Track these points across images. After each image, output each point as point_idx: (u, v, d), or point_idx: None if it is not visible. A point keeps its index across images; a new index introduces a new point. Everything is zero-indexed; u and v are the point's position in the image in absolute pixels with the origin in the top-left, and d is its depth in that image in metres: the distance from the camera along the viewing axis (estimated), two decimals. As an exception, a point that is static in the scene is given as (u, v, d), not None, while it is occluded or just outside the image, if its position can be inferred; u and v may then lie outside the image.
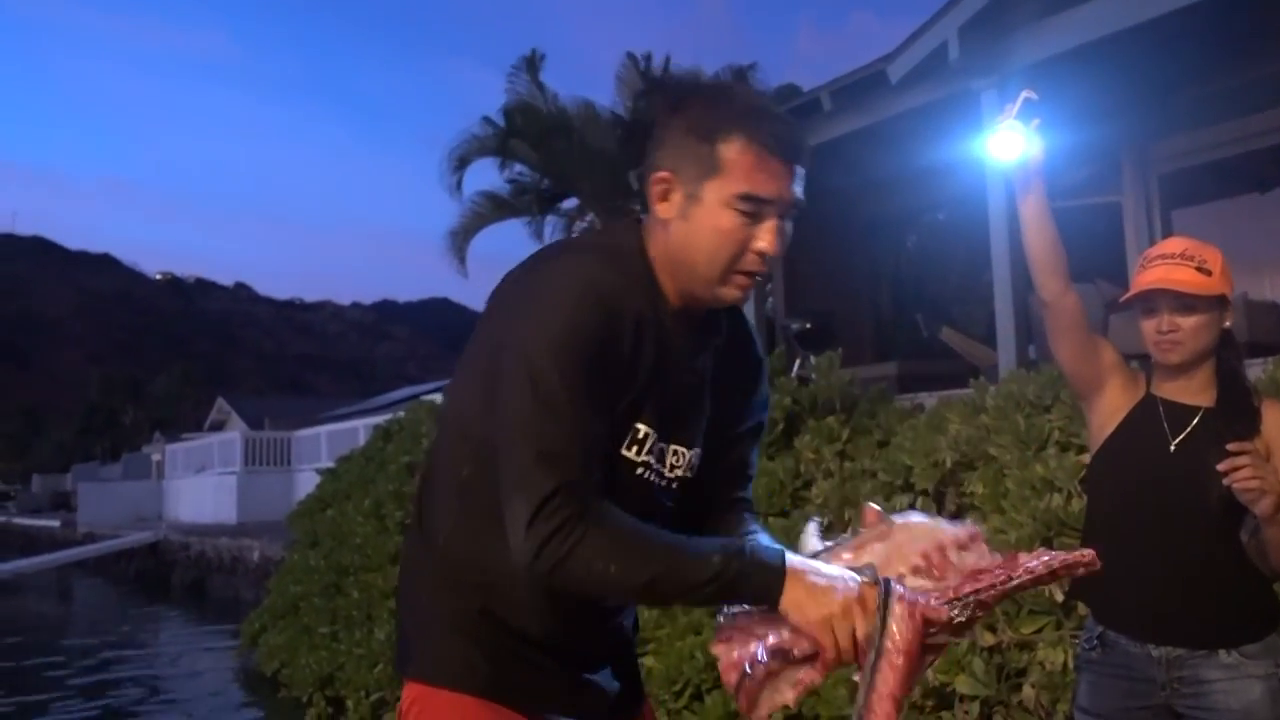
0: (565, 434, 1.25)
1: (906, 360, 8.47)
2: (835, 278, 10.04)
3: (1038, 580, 1.27)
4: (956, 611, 1.24)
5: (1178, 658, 1.91)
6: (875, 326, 10.55)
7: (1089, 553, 1.30)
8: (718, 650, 1.30)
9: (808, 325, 8.45)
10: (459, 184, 12.97)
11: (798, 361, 7.51)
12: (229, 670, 9.38)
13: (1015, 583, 1.26)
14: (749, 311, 9.07)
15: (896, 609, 1.22)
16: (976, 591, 1.25)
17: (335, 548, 8.37)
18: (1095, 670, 2.02)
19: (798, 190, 1.35)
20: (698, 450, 1.47)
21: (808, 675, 1.27)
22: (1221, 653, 1.88)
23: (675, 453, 1.43)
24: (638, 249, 1.37)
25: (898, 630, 1.22)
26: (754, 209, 1.30)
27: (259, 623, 8.86)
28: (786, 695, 1.27)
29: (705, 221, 1.31)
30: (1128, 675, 1.96)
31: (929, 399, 6.06)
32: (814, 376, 6.80)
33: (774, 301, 10.15)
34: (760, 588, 1.25)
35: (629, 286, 1.32)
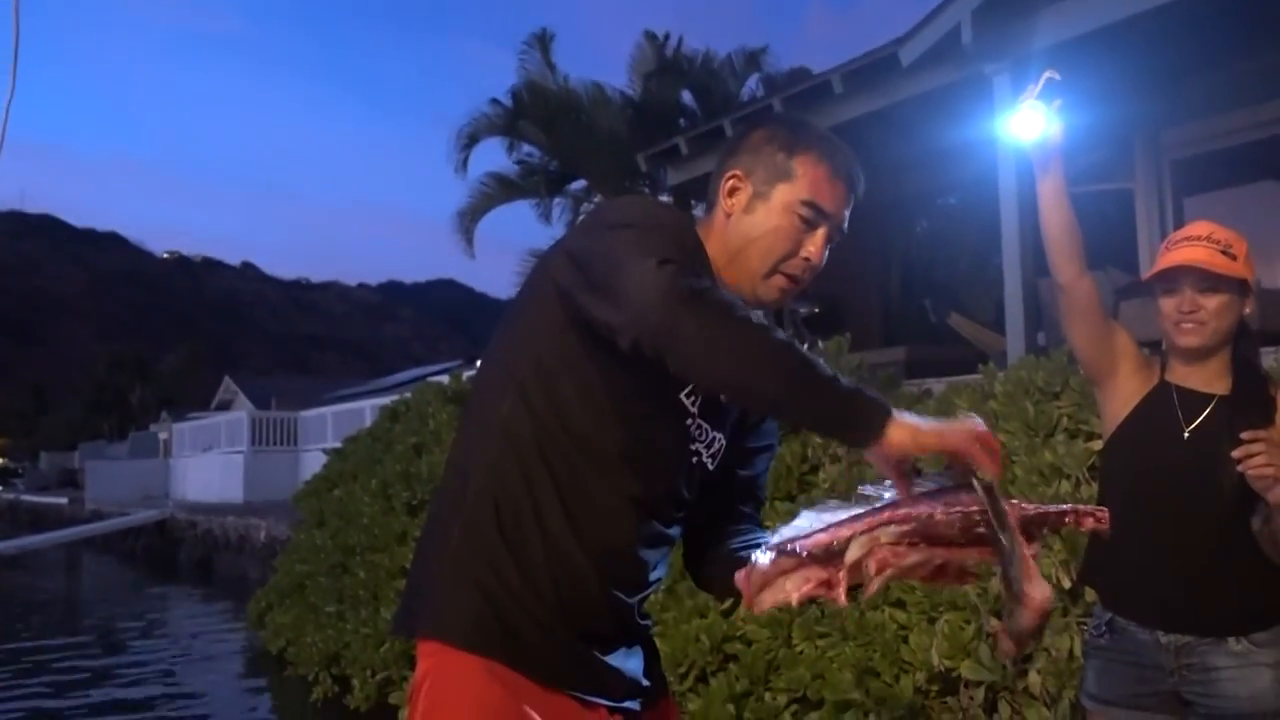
0: (669, 240, 1.33)
1: (915, 345, 8.44)
2: (844, 262, 9.95)
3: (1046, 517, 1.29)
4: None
5: (1186, 645, 1.91)
6: (884, 311, 10.52)
7: (1103, 511, 1.31)
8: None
9: (816, 309, 8.44)
10: (465, 163, 12.96)
11: (805, 346, 7.50)
12: (235, 648, 9.44)
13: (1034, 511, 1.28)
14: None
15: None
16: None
17: (342, 527, 8.39)
18: (1104, 656, 2.01)
19: (847, 215, 1.50)
20: (723, 441, 1.53)
21: (817, 577, 1.24)
22: (1231, 640, 1.88)
23: (709, 432, 1.49)
24: (699, 237, 1.47)
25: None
26: (813, 217, 1.45)
27: (265, 601, 8.90)
28: (790, 593, 1.24)
29: (768, 218, 1.45)
30: (1136, 662, 1.95)
31: (937, 385, 6.03)
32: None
33: (782, 285, 10.13)
34: (871, 407, 1.24)
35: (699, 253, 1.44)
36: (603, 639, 1.46)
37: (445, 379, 10.00)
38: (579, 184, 13.25)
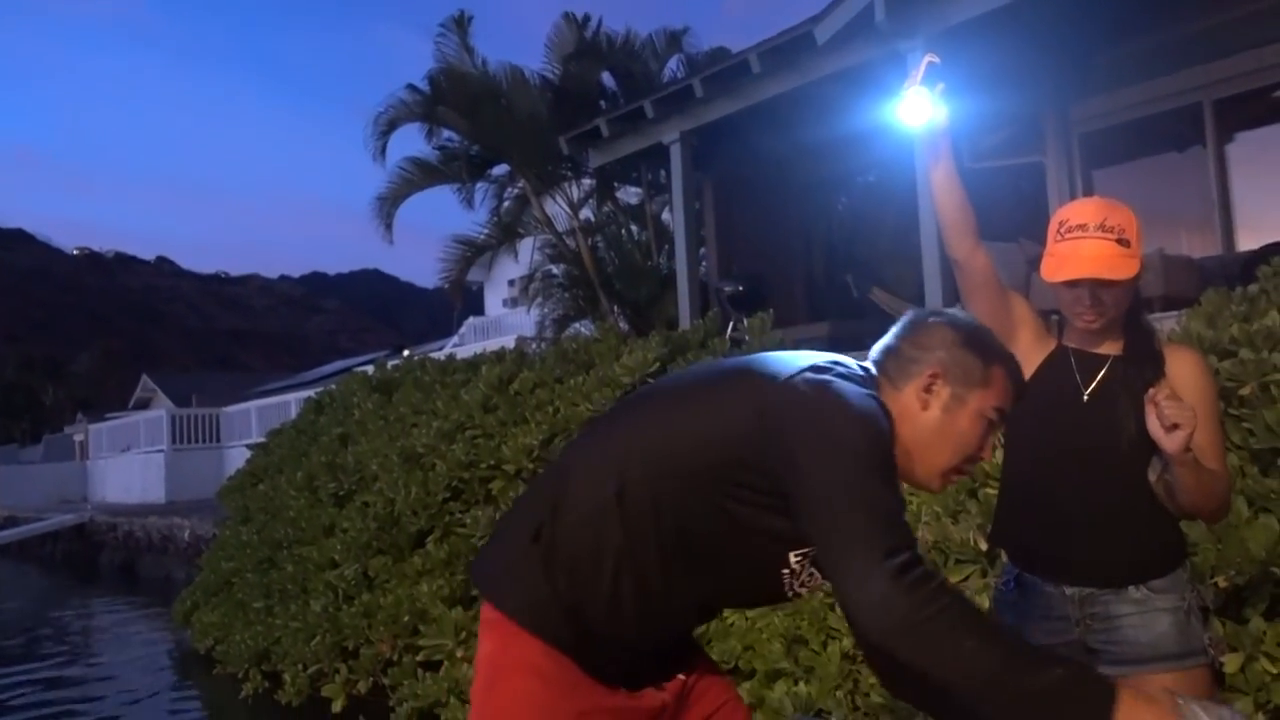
0: (897, 502, 1.36)
1: (838, 321, 8.57)
2: (768, 240, 10.10)
3: None
4: None
5: (1090, 596, 1.98)
6: (807, 288, 10.65)
7: None
8: None
9: (740, 287, 8.50)
10: (383, 150, 12.73)
11: (730, 323, 7.55)
12: (162, 649, 9.22)
13: None
14: (682, 275, 9.10)
15: None
16: None
17: (268, 522, 8.24)
18: (1012, 611, 2.08)
19: None
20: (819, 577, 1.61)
21: None
22: (1131, 589, 1.95)
23: (808, 570, 1.56)
24: (892, 427, 1.49)
25: None
26: (998, 422, 1.58)
27: (191, 600, 8.72)
28: None
29: (966, 423, 1.54)
30: (1044, 615, 2.02)
31: (859, 359, 6.14)
32: (746, 338, 6.85)
33: (707, 264, 10.19)
34: (1095, 707, 1.20)
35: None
36: (644, 669, 1.60)
37: (370, 369, 9.88)
38: (501, 168, 13.12)
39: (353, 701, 5.74)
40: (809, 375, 1.47)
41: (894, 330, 1.65)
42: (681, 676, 1.64)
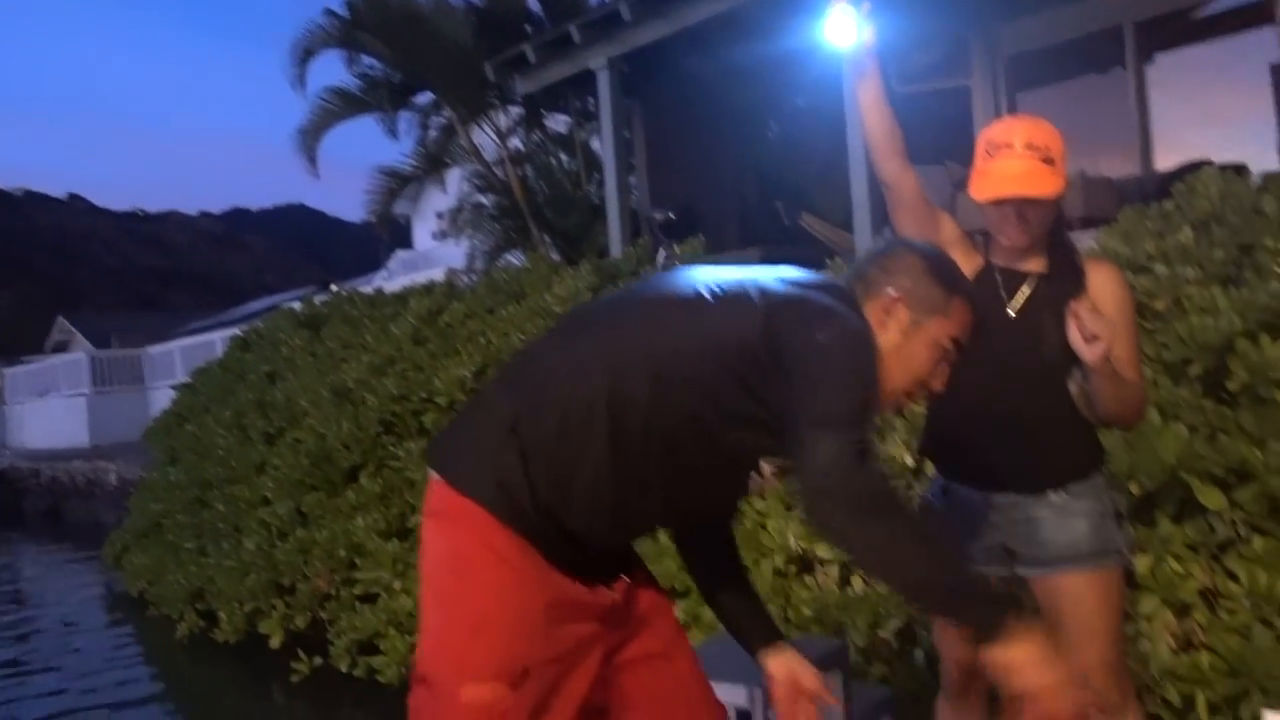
0: (871, 412, 1.44)
1: (769, 247, 8.57)
2: (699, 167, 10.03)
3: None
4: None
5: (1012, 501, 2.05)
6: (739, 214, 10.64)
7: None
8: None
9: (671, 215, 8.47)
10: (303, 79, 12.30)
11: (662, 251, 7.54)
12: (94, 594, 9.09)
13: None
14: (612, 203, 9.03)
15: None
16: None
17: (197, 462, 8.11)
18: (939, 520, 2.14)
19: None
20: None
21: None
22: (1050, 493, 2.02)
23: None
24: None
25: None
26: (953, 351, 1.61)
27: (121, 544, 8.61)
28: None
29: (921, 349, 1.58)
30: (969, 520, 2.09)
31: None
32: (678, 265, 6.85)
33: (638, 192, 10.11)
34: (997, 617, 1.37)
35: None
36: (600, 567, 1.60)
37: (297, 305, 9.69)
38: (426, 96, 12.79)
39: (290, 637, 5.73)
40: (808, 291, 1.52)
41: (864, 255, 1.70)
42: (626, 578, 1.65)
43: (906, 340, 1.57)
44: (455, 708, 1.44)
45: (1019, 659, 1.35)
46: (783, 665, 1.75)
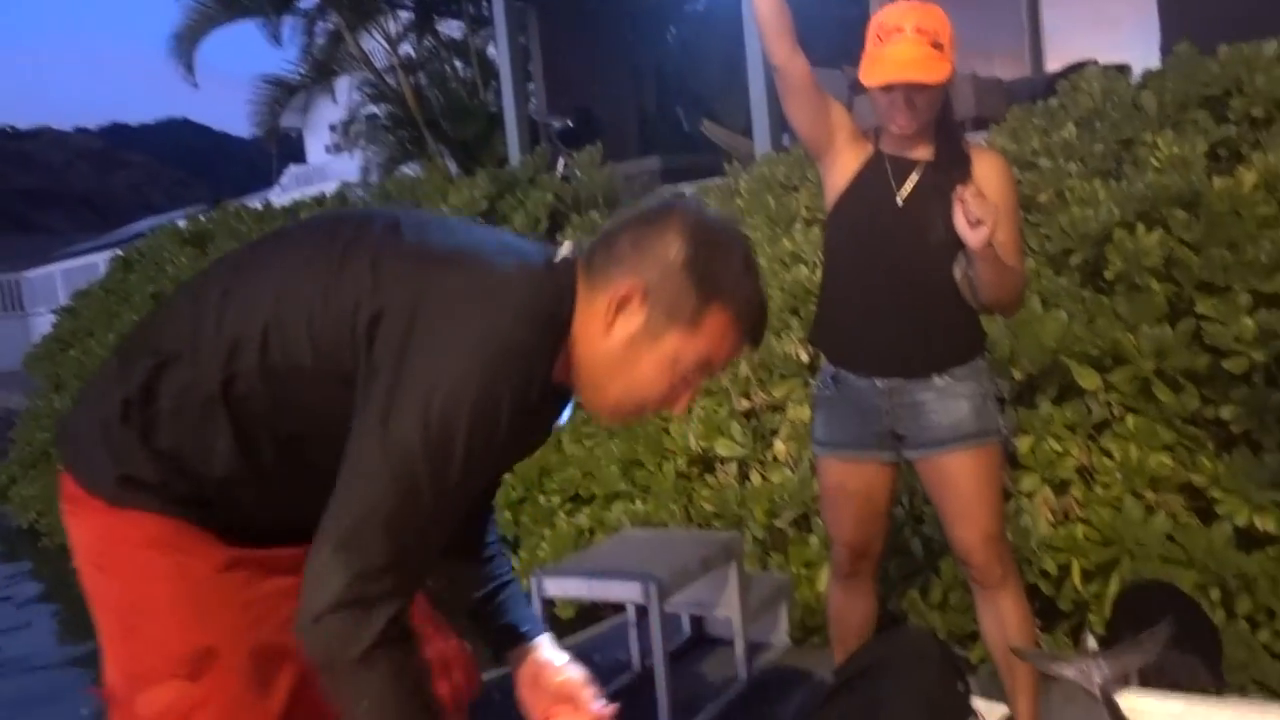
0: (423, 533, 1.11)
1: (669, 154, 8.52)
2: (597, 73, 9.84)
3: None
4: None
5: (898, 386, 2.10)
6: (638, 122, 10.51)
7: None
8: None
9: (569, 122, 8.33)
10: (176, -22, 11.59)
11: (560, 159, 7.42)
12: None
13: None
14: (509, 111, 8.81)
15: None
16: None
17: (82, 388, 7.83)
18: (828, 406, 2.19)
19: None
20: None
21: None
22: (934, 377, 2.08)
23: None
24: (566, 320, 1.20)
25: None
26: (694, 378, 1.22)
27: (8, 475, 8.34)
28: None
29: (649, 367, 1.19)
30: (857, 407, 2.14)
31: (690, 189, 6.16)
32: (577, 174, 6.75)
33: (535, 100, 9.89)
34: None
35: (546, 360, 1.17)
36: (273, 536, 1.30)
37: (183, 223, 9.32)
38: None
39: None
40: (455, 276, 1.14)
41: (628, 212, 1.27)
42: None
43: (633, 352, 1.19)
44: None
45: None
46: (529, 667, 1.42)
